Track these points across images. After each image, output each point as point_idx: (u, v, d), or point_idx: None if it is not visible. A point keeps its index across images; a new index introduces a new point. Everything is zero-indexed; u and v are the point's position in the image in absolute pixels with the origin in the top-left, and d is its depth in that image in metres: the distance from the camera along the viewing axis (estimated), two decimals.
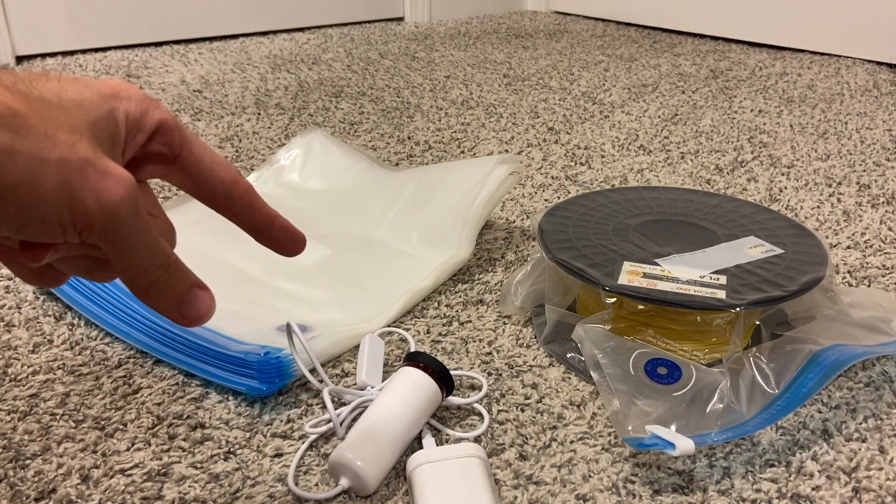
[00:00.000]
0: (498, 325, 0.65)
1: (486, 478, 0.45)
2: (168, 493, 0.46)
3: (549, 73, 1.55)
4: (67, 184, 0.28)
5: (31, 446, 0.50)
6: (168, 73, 1.51)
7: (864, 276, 0.74)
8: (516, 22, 2.17)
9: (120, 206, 0.29)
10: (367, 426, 0.48)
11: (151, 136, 0.34)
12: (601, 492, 0.47)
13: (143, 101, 0.33)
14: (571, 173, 1.00)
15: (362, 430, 0.47)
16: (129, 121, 0.33)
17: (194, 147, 0.35)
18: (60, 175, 0.28)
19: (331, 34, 1.94)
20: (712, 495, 0.47)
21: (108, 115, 0.31)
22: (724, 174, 1.00)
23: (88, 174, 0.28)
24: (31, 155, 0.27)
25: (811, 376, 0.51)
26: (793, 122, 1.22)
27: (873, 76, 1.51)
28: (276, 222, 0.38)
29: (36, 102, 0.29)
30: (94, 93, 0.32)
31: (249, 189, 0.37)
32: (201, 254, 0.70)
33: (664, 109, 1.29)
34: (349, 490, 0.46)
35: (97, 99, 0.31)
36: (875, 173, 1.00)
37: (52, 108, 0.29)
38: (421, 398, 0.50)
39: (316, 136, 0.91)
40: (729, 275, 0.58)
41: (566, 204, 0.70)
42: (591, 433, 0.52)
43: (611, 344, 0.53)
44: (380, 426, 0.48)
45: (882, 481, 0.48)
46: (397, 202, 0.81)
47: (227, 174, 0.36)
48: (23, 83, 0.29)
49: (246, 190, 0.36)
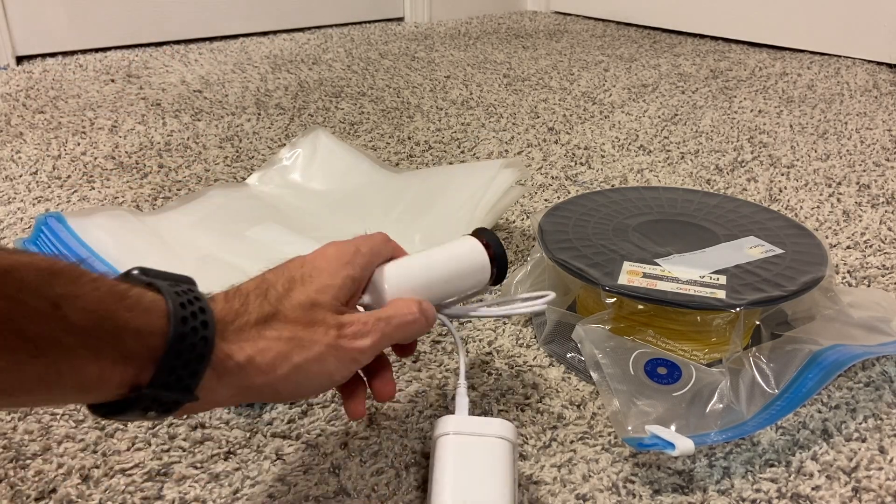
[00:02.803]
0: (498, 325, 0.65)
1: (511, 467, 0.43)
2: (168, 493, 0.47)
3: (549, 73, 1.55)
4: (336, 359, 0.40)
5: (31, 446, 0.50)
6: (168, 73, 1.51)
7: (864, 276, 0.74)
8: (516, 22, 2.17)
9: (367, 349, 0.41)
10: (408, 261, 0.48)
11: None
12: (601, 492, 0.47)
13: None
14: (571, 173, 1.00)
15: (400, 262, 0.47)
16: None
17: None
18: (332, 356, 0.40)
19: (331, 34, 1.94)
20: (712, 495, 0.47)
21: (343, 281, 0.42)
22: (723, 174, 1.00)
23: (342, 345, 0.40)
24: (309, 361, 0.39)
25: (811, 376, 0.51)
26: (793, 122, 1.22)
27: (873, 76, 1.51)
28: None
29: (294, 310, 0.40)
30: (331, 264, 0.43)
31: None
32: (203, 253, 0.70)
33: (664, 109, 1.29)
34: (366, 306, 0.46)
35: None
36: (875, 173, 1.00)
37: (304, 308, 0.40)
38: (467, 263, 0.49)
39: (320, 136, 0.91)
40: (729, 275, 0.58)
41: (566, 204, 0.70)
42: (591, 433, 0.52)
43: (611, 344, 0.53)
44: (417, 262, 0.47)
45: (882, 481, 0.48)
46: (399, 204, 0.81)
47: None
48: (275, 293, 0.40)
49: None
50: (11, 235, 0.81)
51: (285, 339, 0.38)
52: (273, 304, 0.39)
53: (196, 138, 1.12)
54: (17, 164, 1.01)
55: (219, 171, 1.00)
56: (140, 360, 0.32)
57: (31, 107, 1.27)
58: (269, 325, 0.38)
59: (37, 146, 1.08)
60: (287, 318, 0.39)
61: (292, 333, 0.38)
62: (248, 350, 0.37)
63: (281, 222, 0.76)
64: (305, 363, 0.38)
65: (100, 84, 1.42)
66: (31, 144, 1.09)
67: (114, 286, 0.32)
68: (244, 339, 0.37)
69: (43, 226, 0.71)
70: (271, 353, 0.37)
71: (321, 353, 0.39)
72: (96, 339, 0.30)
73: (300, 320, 0.39)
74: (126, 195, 0.92)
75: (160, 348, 0.33)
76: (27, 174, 0.98)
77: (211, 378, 0.35)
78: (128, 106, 1.28)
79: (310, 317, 0.39)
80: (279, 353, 0.38)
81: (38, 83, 1.42)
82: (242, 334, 0.37)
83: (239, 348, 0.37)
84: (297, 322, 0.39)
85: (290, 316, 0.39)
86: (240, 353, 0.37)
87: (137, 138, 1.12)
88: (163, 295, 0.34)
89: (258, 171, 0.90)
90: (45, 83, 1.42)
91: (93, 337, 0.30)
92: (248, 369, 0.37)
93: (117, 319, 0.31)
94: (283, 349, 0.38)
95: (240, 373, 0.37)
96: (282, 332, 0.38)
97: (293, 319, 0.39)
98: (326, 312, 0.40)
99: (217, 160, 1.04)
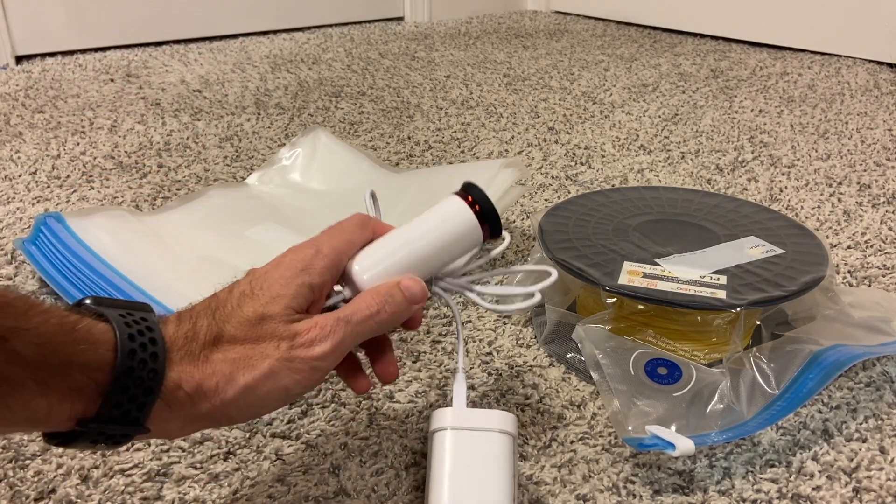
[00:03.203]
0: (498, 326, 0.65)
1: (510, 463, 0.41)
2: (168, 494, 0.46)
3: (549, 72, 1.55)
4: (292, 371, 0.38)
5: (30, 446, 0.50)
6: (168, 72, 1.51)
7: (865, 276, 0.74)
8: (516, 21, 2.17)
9: (327, 355, 0.39)
10: (385, 241, 0.44)
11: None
12: (601, 492, 0.47)
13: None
14: (571, 173, 1.00)
15: (377, 243, 0.44)
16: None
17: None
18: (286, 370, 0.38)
19: (331, 34, 1.93)
20: (713, 495, 0.47)
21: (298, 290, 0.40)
22: (724, 174, 1.00)
23: (296, 356, 0.38)
24: (258, 379, 0.37)
25: (811, 376, 0.51)
26: (793, 121, 1.22)
27: (874, 76, 1.51)
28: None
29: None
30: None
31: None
32: (203, 253, 0.70)
33: (664, 109, 1.29)
34: (348, 300, 0.42)
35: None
36: (875, 173, 1.00)
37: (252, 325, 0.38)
38: (453, 229, 0.44)
39: (320, 136, 0.91)
40: (729, 275, 0.58)
41: (566, 204, 0.70)
42: (592, 433, 0.52)
43: (611, 344, 0.53)
44: (395, 242, 0.44)
45: (882, 481, 0.47)
46: (399, 204, 0.81)
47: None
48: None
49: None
50: (11, 235, 0.81)
51: (230, 361, 0.36)
52: (219, 323, 0.37)
53: (196, 138, 1.12)
54: (16, 164, 1.01)
55: (218, 171, 1.00)
56: (87, 394, 0.32)
57: (31, 106, 1.27)
58: (217, 346, 0.36)
59: (36, 146, 1.08)
60: (234, 337, 0.37)
61: (239, 353, 0.37)
62: (196, 377, 0.35)
63: (281, 222, 0.76)
64: (254, 382, 0.36)
65: (99, 84, 1.42)
66: (31, 144, 1.09)
67: (64, 318, 0.32)
68: (193, 365, 0.36)
69: (42, 226, 0.71)
70: (216, 377, 0.36)
71: (272, 369, 0.37)
72: (45, 373, 0.30)
73: (248, 337, 0.37)
74: (125, 195, 0.92)
75: (107, 382, 0.32)
76: (26, 174, 0.98)
77: (161, 409, 0.34)
78: (127, 106, 1.28)
79: (258, 332, 0.37)
80: (224, 375, 0.36)
81: (37, 83, 1.42)
82: (191, 360, 0.36)
83: (189, 376, 0.35)
84: (245, 340, 0.37)
85: (236, 335, 0.37)
86: (189, 381, 0.35)
87: (137, 138, 1.12)
88: (112, 326, 0.33)
89: (258, 171, 0.89)
90: (44, 83, 1.42)
91: (41, 370, 0.30)
92: (196, 397, 0.35)
93: (65, 353, 0.31)
94: (227, 371, 0.36)
95: (188, 402, 0.35)
96: (227, 352, 0.36)
97: (241, 338, 0.37)
98: (277, 324, 0.37)
99: (216, 160, 1.04)
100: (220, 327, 0.37)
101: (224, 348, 0.36)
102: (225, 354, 0.36)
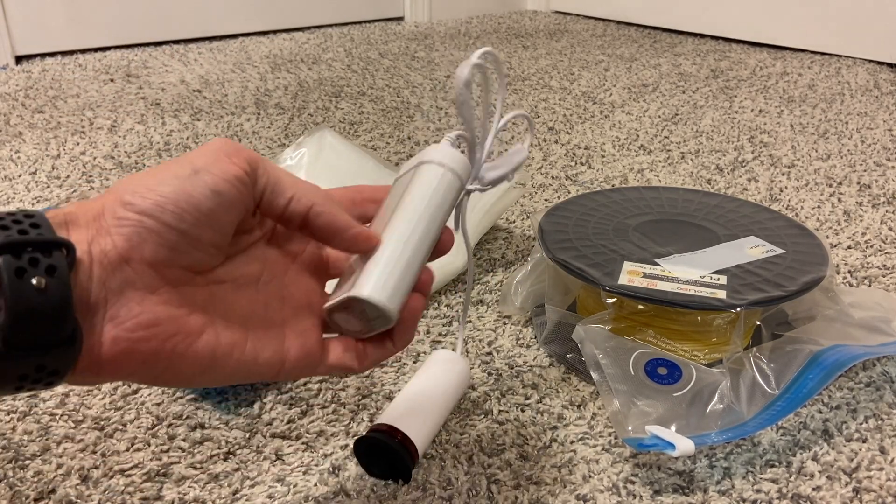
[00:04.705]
0: (498, 326, 0.65)
1: (445, 200, 0.36)
2: (167, 494, 0.46)
3: (549, 72, 1.55)
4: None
5: (30, 446, 0.50)
6: (167, 72, 1.51)
7: (865, 276, 0.74)
8: (516, 21, 2.17)
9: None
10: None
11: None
12: (601, 492, 0.47)
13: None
14: (571, 173, 1.00)
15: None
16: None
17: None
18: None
19: (331, 34, 1.93)
20: (713, 496, 0.47)
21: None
22: (724, 174, 1.00)
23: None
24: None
25: (812, 377, 0.51)
26: (793, 121, 1.22)
27: (874, 76, 1.51)
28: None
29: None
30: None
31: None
32: None
33: (664, 109, 1.29)
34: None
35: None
36: (876, 173, 1.00)
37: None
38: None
39: (325, 136, 0.91)
40: (729, 275, 0.58)
41: (566, 204, 0.70)
42: (592, 433, 0.52)
43: (611, 344, 0.53)
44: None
45: (883, 482, 0.47)
46: None
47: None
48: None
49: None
50: None
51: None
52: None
53: (195, 138, 1.12)
54: (15, 164, 1.01)
55: None
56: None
57: (31, 106, 1.27)
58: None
59: (36, 146, 1.08)
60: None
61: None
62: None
63: None
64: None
65: (99, 84, 1.42)
66: (30, 144, 1.09)
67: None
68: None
69: None
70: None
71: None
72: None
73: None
74: None
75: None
76: (26, 174, 0.98)
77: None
78: (127, 105, 1.28)
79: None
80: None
81: (37, 83, 1.42)
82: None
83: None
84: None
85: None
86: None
87: (137, 138, 1.12)
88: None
89: None
90: (44, 83, 1.42)
91: None
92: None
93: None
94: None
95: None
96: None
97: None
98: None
99: None
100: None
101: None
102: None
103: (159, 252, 0.30)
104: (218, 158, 0.32)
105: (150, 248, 0.30)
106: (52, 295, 0.27)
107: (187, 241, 0.31)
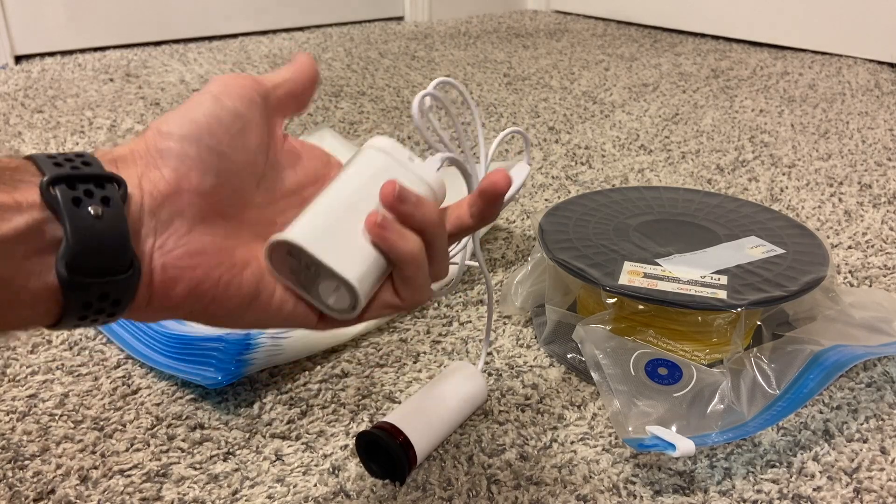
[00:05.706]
0: (498, 326, 0.65)
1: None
2: (167, 494, 0.46)
3: (549, 72, 1.55)
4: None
5: (29, 447, 0.50)
6: (167, 72, 1.51)
7: (866, 277, 0.74)
8: (516, 21, 2.16)
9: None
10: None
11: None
12: (602, 492, 0.47)
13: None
14: (572, 173, 1.00)
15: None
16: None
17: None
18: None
19: (331, 34, 1.93)
20: (713, 496, 0.46)
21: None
22: (724, 174, 1.00)
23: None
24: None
25: (812, 377, 0.51)
26: (794, 121, 1.22)
27: (875, 76, 1.51)
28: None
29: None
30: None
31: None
32: None
33: (665, 109, 1.29)
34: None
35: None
36: (876, 173, 1.00)
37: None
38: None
39: (326, 136, 0.91)
40: (730, 275, 0.58)
41: (566, 204, 0.70)
42: (592, 434, 0.52)
43: (611, 344, 0.53)
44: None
45: (883, 482, 0.47)
46: None
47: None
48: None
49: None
50: None
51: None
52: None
53: None
54: None
55: None
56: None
57: (30, 106, 1.27)
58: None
59: (35, 146, 1.08)
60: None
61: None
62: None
63: None
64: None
65: (98, 83, 1.42)
66: (30, 144, 1.09)
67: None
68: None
69: None
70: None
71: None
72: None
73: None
74: None
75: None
76: None
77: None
78: (126, 105, 1.28)
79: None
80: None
81: (36, 82, 1.42)
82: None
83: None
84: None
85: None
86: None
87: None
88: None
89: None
90: (43, 82, 1.42)
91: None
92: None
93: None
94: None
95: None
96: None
97: None
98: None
99: None
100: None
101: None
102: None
103: (205, 179, 0.31)
104: (228, 85, 0.34)
105: (196, 176, 0.31)
106: (110, 223, 0.28)
107: (227, 166, 0.32)
